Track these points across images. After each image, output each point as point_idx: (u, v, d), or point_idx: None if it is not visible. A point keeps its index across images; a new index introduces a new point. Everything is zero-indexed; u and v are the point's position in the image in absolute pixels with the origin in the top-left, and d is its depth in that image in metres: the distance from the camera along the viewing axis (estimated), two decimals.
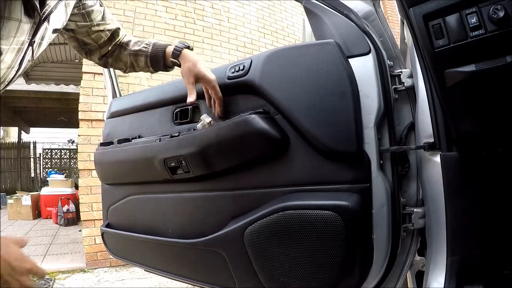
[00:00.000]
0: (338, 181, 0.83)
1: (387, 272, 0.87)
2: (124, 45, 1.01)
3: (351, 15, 0.93)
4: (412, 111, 0.91)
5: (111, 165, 1.29)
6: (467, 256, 0.78)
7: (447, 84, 0.68)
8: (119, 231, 1.31)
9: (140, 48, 0.99)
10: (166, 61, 0.97)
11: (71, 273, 2.86)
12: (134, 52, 1.00)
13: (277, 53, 0.93)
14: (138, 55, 0.99)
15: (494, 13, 0.58)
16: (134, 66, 1.02)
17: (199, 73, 0.92)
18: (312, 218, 0.81)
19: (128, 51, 1.00)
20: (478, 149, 0.78)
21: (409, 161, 0.91)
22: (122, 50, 1.01)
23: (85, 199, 3.03)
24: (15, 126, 9.53)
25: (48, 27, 0.74)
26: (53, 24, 0.76)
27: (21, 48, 0.68)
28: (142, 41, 1.01)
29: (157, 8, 3.56)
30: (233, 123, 0.93)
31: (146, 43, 1.00)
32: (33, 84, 6.80)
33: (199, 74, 0.92)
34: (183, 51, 0.94)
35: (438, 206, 0.79)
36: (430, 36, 0.66)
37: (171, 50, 0.95)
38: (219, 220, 1.00)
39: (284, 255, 0.87)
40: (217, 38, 3.97)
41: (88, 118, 3.08)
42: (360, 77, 0.84)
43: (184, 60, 0.93)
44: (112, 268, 3.00)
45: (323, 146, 0.83)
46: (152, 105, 1.21)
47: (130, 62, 1.02)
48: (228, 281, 1.00)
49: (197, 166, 1.01)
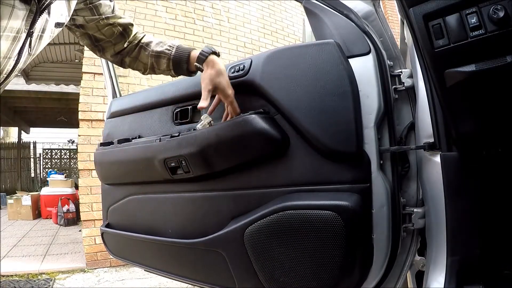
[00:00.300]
0: (338, 181, 0.83)
1: (387, 272, 0.87)
2: (144, 46, 0.98)
3: (351, 15, 0.93)
4: (412, 111, 0.91)
5: (111, 165, 1.29)
6: (467, 256, 0.78)
7: (447, 84, 0.68)
8: (119, 231, 1.31)
9: (163, 50, 0.95)
10: (189, 66, 0.94)
11: (71, 273, 2.86)
12: (156, 54, 0.96)
13: (277, 53, 0.93)
14: (160, 57, 0.96)
15: (494, 13, 0.58)
16: (155, 68, 0.98)
17: (220, 84, 0.88)
18: (312, 218, 0.81)
19: (149, 52, 0.97)
20: (478, 149, 0.78)
21: (409, 161, 0.91)
22: (142, 51, 0.97)
23: (85, 199, 3.03)
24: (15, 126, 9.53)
25: (49, 19, 0.72)
26: (54, 17, 0.74)
27: (17, 37, 0.66)
28: (165, 43, 0.98)
29: (157, 8, 3.56)
30: (233, 123, 0.93)
31: (170, 45, 0.96)
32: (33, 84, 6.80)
33: (219, 84, 0.88)
34: (210, 56, 0.90)
35: (438, 206, 0.79)
36: (430, 36, 0.66)
37: (196, 54, 0.91)
38: (219, 220, 1.00)
39: (284, 255, 0.87)
40: (217, 38, 3.97)
41: (88, 118, 3.08)
42: (360, 77, 0.84)
43: (209, 65, 0.89)
44: (112, 268, 3.00)
45: (323, 146, 0.83)
46: (152, 105, 1.21)
47: (150, 64, 0.98)
48: (228, 281, 1.00)
49: (197, 166, 1.01)
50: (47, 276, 2.74)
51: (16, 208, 5.40)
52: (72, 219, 4.80)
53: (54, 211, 4.96)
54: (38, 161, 9.77)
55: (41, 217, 5.47)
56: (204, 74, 0.90)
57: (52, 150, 10.24)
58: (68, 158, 10.29)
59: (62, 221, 4.78)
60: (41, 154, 9.93)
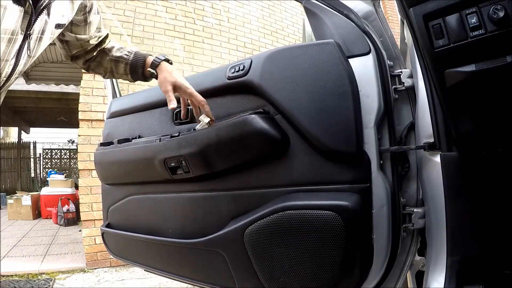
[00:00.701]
0: (338, 181, 0.83)
1: (387, 272, 0.87)
2: (106, 51, 1.00)
3: (351, 15, 0.93)
4: (412, 111, 0.91)
5: (111, 165, 1.29)
6: (467, 256, 0.78)
7: (447, 84, 0.68)
8: (119, 231, 1.31)
9: (122, 55, 0.99)
10: (144, 70, 0.97)
11: (71, 273, 2.86)
12: (115, 58, 0.99)
13: (277, 53, 0.93)
14: (119, 62, 0.99)
15: (494, 13, 0.58)
16: (113, 72, 1.02)
17: (176, 82, 0.92)
18: (312, 218, 0.81)
19: (110, 56, 1.00)
20: (478, 149, 0.78)
21: (409, 161, 0.91)
22: (104, 56, 1.00)
23: (85, 199, 3.03)
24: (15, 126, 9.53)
25: (48, 20, 0.72)
26: (55, 18, 0.74)
27: (12, 39, 0.65)
28: (125, 48, 1.00)
29: (157, 8, 3.56)
30: (233, 123, 0.93)
31: (128, 50, 0.99)
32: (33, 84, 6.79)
33: (175, 82, 0.92)
34: (162, 63, 0.95)
35: (438, 206, 0.79)
36: (430, 36, 0.66)
37: (151, 60, 0.96)
38: (219, 220, 1.00)
39: (284, 255, 0.87)
40: (217, 38, 3.97)
41: (88, 118, 3.08)
42: (360, 77, 0.84)
43: (161, 70, 0.94)
44: (112, 268, 3.00)
45: (323, 146, 0.83)
46: (152, 105, 1.21)
47: (110, 68, 1.01)
48: (228, 281, 1.00)
49: (197, 166, 1.01)
50: (47, 276, 2.74)
51: (16, 208, 5.40)
52: (72, 219, 4.80)
53: (54, 211, 4.96)
54: (38, 161, 9.77)
55: (41, 217, 5.46)
56: (159, 79, 0.94)
57: (52, 150, 10.23)
58: (68, 158, 10.28)
59: (62, 221, 4.77)
60: (41, 154, 9.92)
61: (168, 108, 0.91)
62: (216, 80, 1.02)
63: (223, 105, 1.00)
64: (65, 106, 7.09)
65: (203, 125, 0.97)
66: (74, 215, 4.80)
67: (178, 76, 0.93)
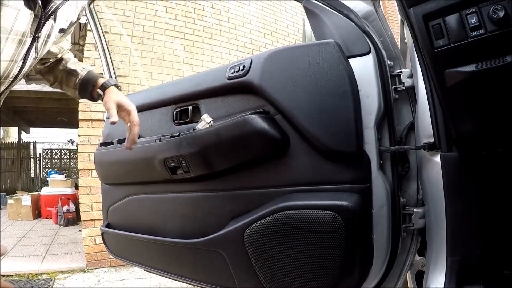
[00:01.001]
0: (338, 181, 0.83)
1: (387, 272, 0.87)
2: (61, 60, 1.00)
3: (351, 15, 0.93)
4: (412, 111, 0.91)
5: (111, 165, 1.29)
6: (467, 256, 0.78)
7: (447, 84, 0.68)
8: (119, 231, 1.31)
9: (76, 69, 0.99)
10: (94, 90, 0.98)
11: (71, 273, 2.86)
12: (69, 70, 0.99)
13: (277, 53, 0.93)
14: (71, 74, 0.99)
15: (494, 13, 0.58)
16: (62, 83, 1.01)
17: (119, 100, 0.93)
18: (312, 218, 0.81)
19: (63, 66, 0.99)
20: (478, 149, 0.78)
21: (409, 161, 0.91)
22: (58, 64, 1.00)
23: (85, 199, 3.03)
24: (15, 126, 9.52)
25: (54, 25, 0.73)
26: (60, 23, 0.75)
27: (22, 40, 0.67)
28: (80, 64, 1.01)
29: (157, 8, 3.56)
30: (233, 123, 0.93)
31: (84, 67, 1.00)
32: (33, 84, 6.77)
33: (119, 101, 0.93)
34: (112, 87, 0.96)
35: (438, 206, 0.79)
36: (430, 36, 0.66)
37: (101, 82, 0.97)
38: (219, 220, 1.00)
39: (284, 255, 0.87)
40: (217, 38, 3.97)
41: (88, 118, 3.08)
42: (360, 77, 0.84)
43: (109, 93, 0.95)
44: (112, 268, 3.00)
45: (323, 146, 0.83)
46: (152, 105, 1.21)
47: (60, 78, 1.01)
48: (228, 281, 1.00)
49: (197, 166, 1.01)
50: (47, 276, 2.74)
51: (16, 208, 5.40)
52: (72, 219, 4.80)
53: (54, 211, 4.96)
54: (38, 161, 9.77)
55: (41, 217, 5.46)
56: (105, 99, 0.95)
57: (52, 150, 10.23)
58: (68, 158, 10.28)
59: (62, 221, 4.77)
60: (41, 154, 9.92)
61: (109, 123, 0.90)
62: (216, 80, 1.02)
63: (223, 105, 1.00)
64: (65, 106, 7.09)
65: (204, 124, 0.97)
66: (74, 215, 4.80)
67: (122, 96, 0.95)
